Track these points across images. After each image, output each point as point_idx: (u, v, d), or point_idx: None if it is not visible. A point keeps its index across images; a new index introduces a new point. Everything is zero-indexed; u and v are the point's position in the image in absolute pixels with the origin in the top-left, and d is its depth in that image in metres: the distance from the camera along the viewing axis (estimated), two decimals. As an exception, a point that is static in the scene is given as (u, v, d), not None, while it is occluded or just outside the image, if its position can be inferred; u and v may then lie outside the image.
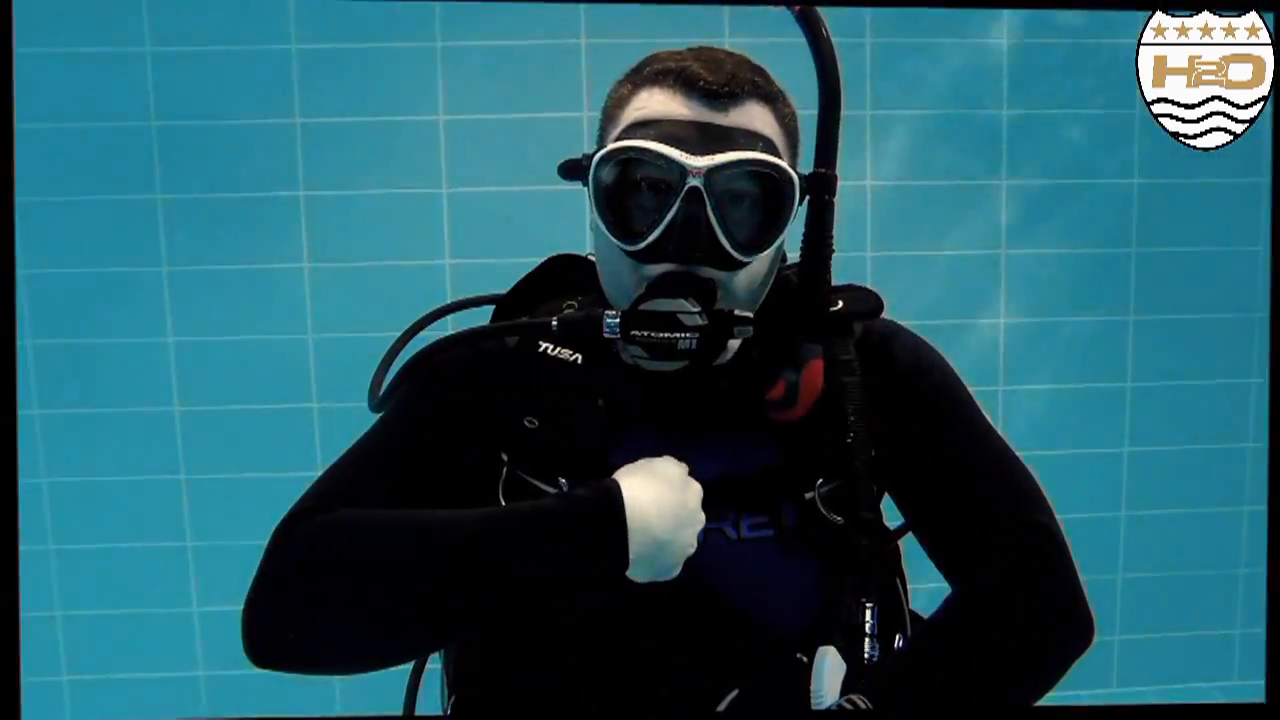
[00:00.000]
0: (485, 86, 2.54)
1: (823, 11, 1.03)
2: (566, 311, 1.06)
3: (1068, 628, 1.05)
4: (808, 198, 1.03)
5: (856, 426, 1.03)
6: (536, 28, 2.54)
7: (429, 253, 2.56)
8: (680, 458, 1.00)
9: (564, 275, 1.14)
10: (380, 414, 1.12)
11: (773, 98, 1.03)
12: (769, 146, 0.99)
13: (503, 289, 1.17)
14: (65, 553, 2.65)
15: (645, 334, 0.96)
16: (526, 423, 1.03)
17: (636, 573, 0.93)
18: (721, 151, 0.95)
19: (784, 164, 0.99)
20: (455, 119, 2.55)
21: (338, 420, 2.60)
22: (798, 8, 1.02)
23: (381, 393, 1.13)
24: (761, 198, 0.99)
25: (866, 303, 1.10)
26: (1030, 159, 2.73)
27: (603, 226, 1.00)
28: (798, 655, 1.01)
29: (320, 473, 1.07)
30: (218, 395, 2.62)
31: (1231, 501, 2.90)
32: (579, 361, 1.03)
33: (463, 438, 1.05)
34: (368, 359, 1.19)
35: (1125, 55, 1.81)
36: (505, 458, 1.04)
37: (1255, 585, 2.92)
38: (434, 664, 1.25)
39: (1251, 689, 2.94)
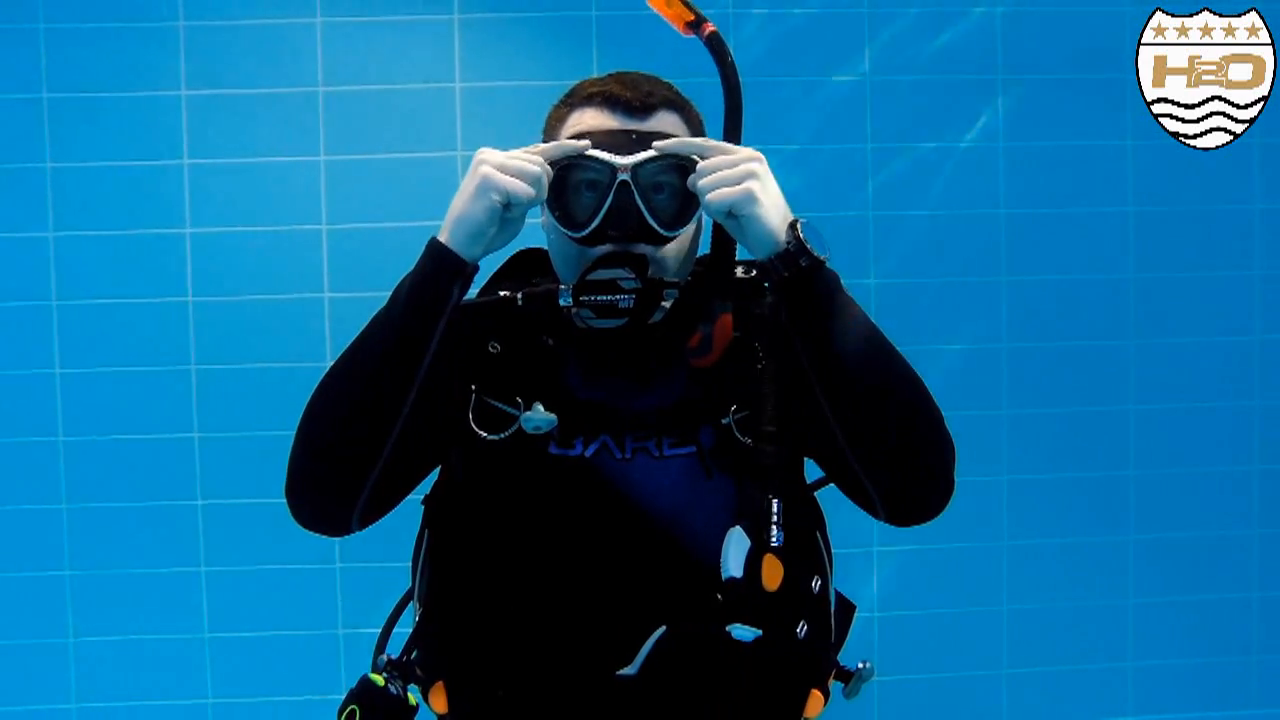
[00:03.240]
0: (362, 127, 2.71)
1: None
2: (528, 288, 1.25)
3: (945, 460, 1.20)
4: None
5: (765, 362, 1.21)
6: (414, 74, 2.71)
7: (310, 287, 2.70)
8: (612, 391, 1.23)
9: (525, 264, 1.36)
10: None
11: (681, 106, 1.26)
12: None
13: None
14: (80, 578, 2.69)
15: (592, 298, 1.16)
16: (490, 348, 1.23)
17: (447, 236, 1.13)
18: (643, 151, 1.16)
19: (694, 156, 1.18)
20: (334, 159, 2.70)
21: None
22: (706, 35, 1.25)
23: None
24: (678, 185, 1.18)
25: None
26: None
27: (553, 220, 1.20)
28: (716, 595, 1.14)
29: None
30: (235, 424, 2.68)
31: (1240, 524, 2.89)
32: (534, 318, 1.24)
33: (445, 373, 1.21)
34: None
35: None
36: (474, 388, 1.22)
37: (1269, 609, 2.89)
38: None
39: (1272, 717, 2.89)
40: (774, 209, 1.11)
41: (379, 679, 1.25)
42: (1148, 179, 2.81)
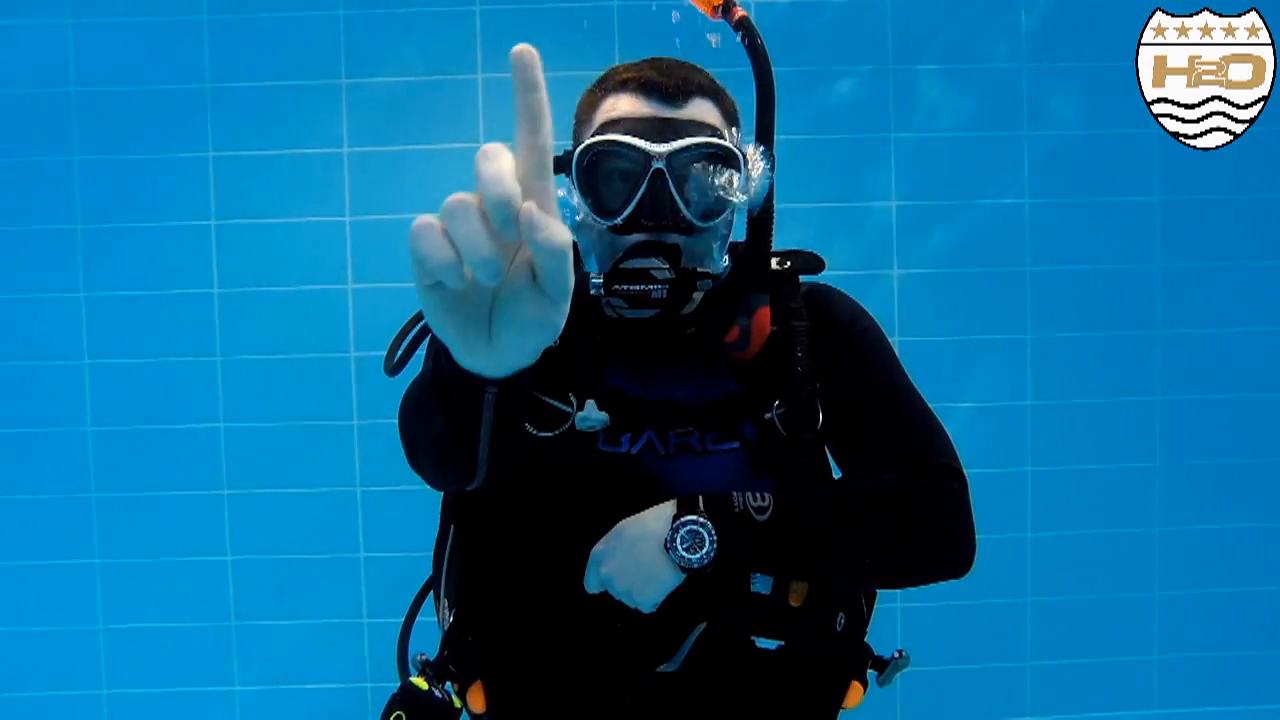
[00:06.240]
0: (384, 118, 2.71)
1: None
2: None
3: (947, 544, 1.18)
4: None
5: (803, 362, 1.21)
6: (435, 66, 2.71)
7: (332, 278, 2.71)
8: (655, 386, 1.20)
9: None
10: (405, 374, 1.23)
11: (716, 93, 1.21)
12: (715, 133, 1.17)
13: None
14: (110, 567, 2.72)
15: (624, 287, 1.13)
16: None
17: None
18: (678, 139, 1.13)
19: (729, 144, 1.17)
20: (357, 151, 2.70)
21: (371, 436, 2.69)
22: (735, 20, 1.22)
23: (398, 356, 1.23)
24: (713, 175, 1.16)
25: (809, 261, 1.30)
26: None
27: (585, 207, 1.16)
28: (756, 591, 1.14)
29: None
30: (256, 414, 2.71)
31: (1268, 517, 2.85)
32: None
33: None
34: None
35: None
36: None
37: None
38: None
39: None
40: (645, 579, 1.09)
41: (421, 683, 1.23)
42: (1174, 168, 2.78)
